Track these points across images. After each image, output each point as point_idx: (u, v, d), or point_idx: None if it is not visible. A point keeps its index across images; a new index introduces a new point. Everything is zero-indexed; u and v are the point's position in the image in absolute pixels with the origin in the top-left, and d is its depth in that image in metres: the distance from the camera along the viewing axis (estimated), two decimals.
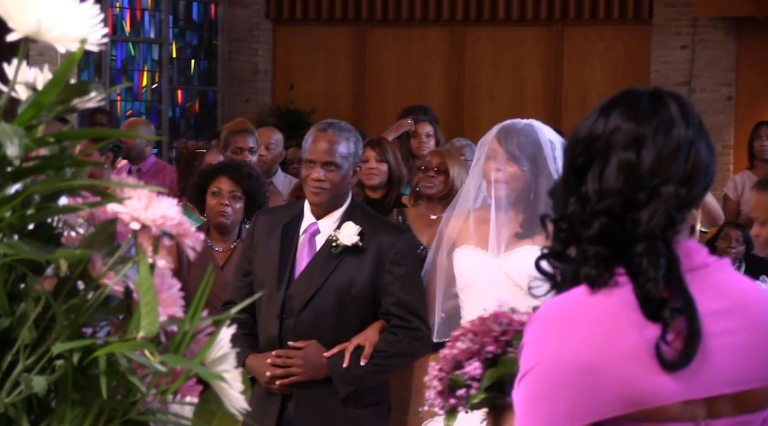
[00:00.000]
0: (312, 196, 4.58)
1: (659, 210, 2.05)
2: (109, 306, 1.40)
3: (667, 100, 2.15)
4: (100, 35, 1.40)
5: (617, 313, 2.04)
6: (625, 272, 2.05)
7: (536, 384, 2.06)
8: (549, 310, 2.12)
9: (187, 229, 1.42)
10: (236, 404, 1.42)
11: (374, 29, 14.74)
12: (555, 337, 2.07)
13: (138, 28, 14.95)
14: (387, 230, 4.66)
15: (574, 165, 2.14)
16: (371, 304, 4.56)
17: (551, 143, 4.60)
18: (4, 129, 1.32)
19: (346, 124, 4.78)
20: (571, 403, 2.02)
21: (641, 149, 2.09)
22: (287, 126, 13.95)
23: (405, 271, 4.57)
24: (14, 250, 1.33)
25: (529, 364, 2.08)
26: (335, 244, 4.53)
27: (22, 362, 1.35)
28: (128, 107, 14.93)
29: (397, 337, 4.52)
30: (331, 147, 4.58)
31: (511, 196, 4.55)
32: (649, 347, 2.01)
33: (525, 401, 2.09)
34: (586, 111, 2.22)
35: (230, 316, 1.42)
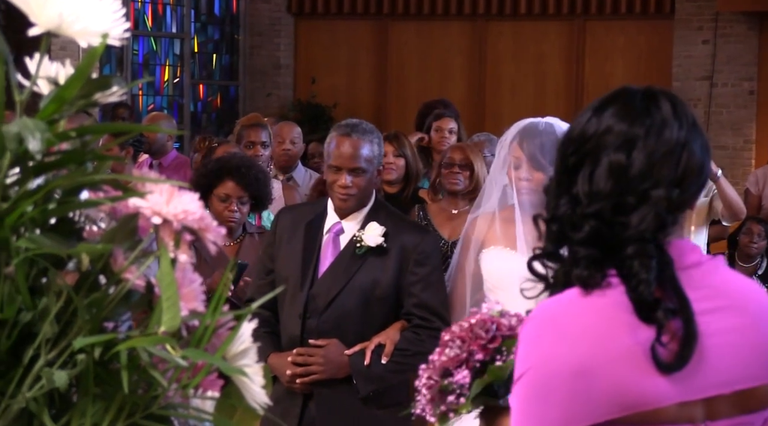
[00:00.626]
0: (339, 202, 4.55)
1: (649, 214, 2.03)
2: (131, 300, 1.40)
3: (660, 100, 2.12)
4: (122, 30, 1.40)
5: (611, 315, 2.02)
6: (617, 274, 2.04)
7: (530, 387, 2.05)
8: (543, 312, 2.10)
9: (209, 224, 1.42)
10: (257, 399, 1.42)
11: (396, 23, 14.73)
12: (549, 339, 2.05)
13: (160, 22, 14.98)
14: (410, 230, 4.64)
15: (566, 164, 2.13)
16: (394, 304, 4.53)
17: None
18: (26, 123, 1.32)
19: (368, 124, 4.72)
20: (565, 406, 2.01)
21: (632, 151, 2.07)
22: (308, 120, 13.98)
23: (428, 271, 4.54)
24: (36, 245, 1.34)
25: (523, 367, 2.07)
26: (359, 244, 4.50)
27: (44, 356, 1.35)
28: (150, 102, 14.97)
29: (419, 337, 4.48)
30: (356, 152, 4.53)
31: (537, 199, 4.50)
32: (644, 349, 1.99)
33: (519, 404, 2.08)
34: None
35: (252, 311, 1.42)
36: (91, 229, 1.44)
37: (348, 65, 14.87)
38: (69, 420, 1.36)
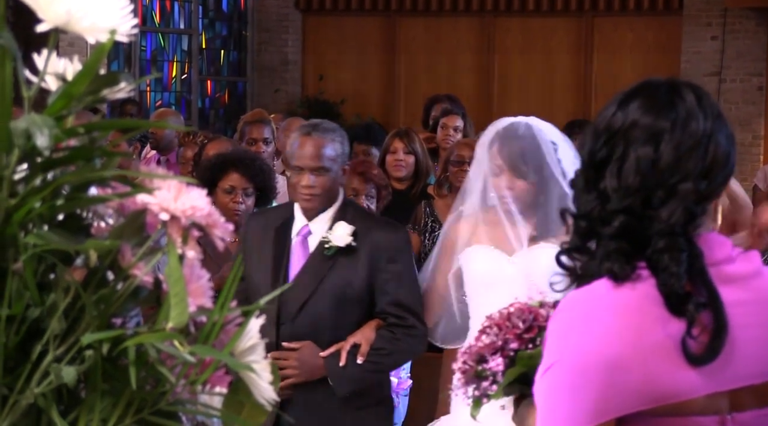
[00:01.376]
0: (304, 202, 4.46)
1: (678, 207, 2.03)
2: (139, 296, 1.40)
3: (684, 92, 2.13)
4: (130, 26, 1.40)
5: (641, 308, 2.03)
6: (646, 266, 2.04)
7: (559, 378, 2.05)
8: (572, 303, 2.11)
9: (217, 220, 1.42)
10: (265, 395, 1.42)
11: (404, 20, 14.73)
12: (579, 330, 2.05)
13: (168, 18, 14.99)
14: (381, 228, 4.54)
15: (593, 160, 2.13)
16: (368, 304, 4.46)
17: (553, 145, 4.50)
18: (34, 119, 1.32)
19: (330, 123, 4.64)
20: (594, 398, 2.01)
21: (659, 145, 2.07)
22: (316, 117, 13.88)
23: (401, 268, 4.47)
24: (44, 241, 1.34)
25: (552, 359, 2.07)
26: (328, 245, 4.43)
27: (52, 352, 1.35)
28: (158, 98, 14.98)
29: (395, 335, 4.42)
30: (318, 151, 4.44)
31: (523, 207, 4.48)
32: (674, 342, 2.00)
33: (548, 395, 2.07)
34: None
35: (260, 307, 1.42)
36: (99, 225, 1.44)
37: (356, 61, 14.87)
38: (77, 416, 1.36)
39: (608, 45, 13.92)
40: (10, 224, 1.34)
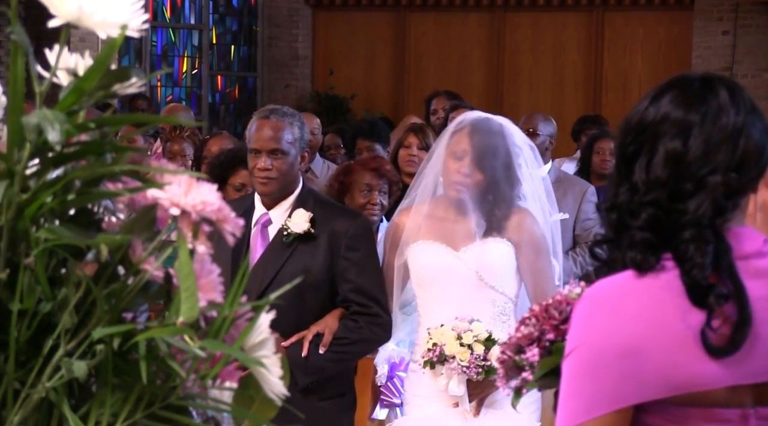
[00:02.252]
0: (260, 186, 4.44)
1: (706, 200, 2.04)
2: (149, 291, 1.41)
3: (717, 86, 2.13)
4: (141, 21, 1.40)
5: (663, 298, 2.04)
6: (672, 257, 2.05)
7: (580, 364, 2.07)
8: (596, 292, 2.12)
9: (227, 215, 1.42)
10: (275, 390, 1.43)
11: (414, 14, 14.72)
12: (600, 318, 2.07)
13: (178, 14, 15.00)
14: (340, 215, 4.50)
15: (625, 153, 2.14)
16: (329, 291, 4.41)
17: (519, 148, 4.52)
18: (46, 114, 1.32)
19: (290, 108, 4.63)
20: (613, 384, 2.03)
21: (688, 138, 2.08)
22: (326, 112, 13.98)
23: (361, 256, 4.43)
24: (55, 235, 1.34)
25: (573, 344, 2.09)
26: (286, 232, 4.39)
27: (63, 347, 1.36)
28: (168, 93, 15.00)
29: (358, 324, 4.38)
30: (276, 134, 4.42)
31: (471, 198, 4.47)
32: (694, 333, 2.01)
33: (568, 380, 2.09)
34: (627, 97, 2.24)
35: (270, 302, 1.43)
36: (110, 219, 1.45)
37: (366, 56, 14.86)
38: (88, 410, 1.36)
39: (619, 40, 13.89)
40: (22, 219, 1.35)
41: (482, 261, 4.46)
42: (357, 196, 5.59)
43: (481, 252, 4.47)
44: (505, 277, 4.50)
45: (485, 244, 4.48)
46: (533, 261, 4.50)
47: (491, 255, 4.47)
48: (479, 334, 4.33)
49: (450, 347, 4.33)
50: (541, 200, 4.63)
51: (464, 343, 4.32)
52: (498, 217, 4.48)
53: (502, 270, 4.49)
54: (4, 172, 1.35)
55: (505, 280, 4.50)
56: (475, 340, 4.32)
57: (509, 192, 4.49)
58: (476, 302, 4.46)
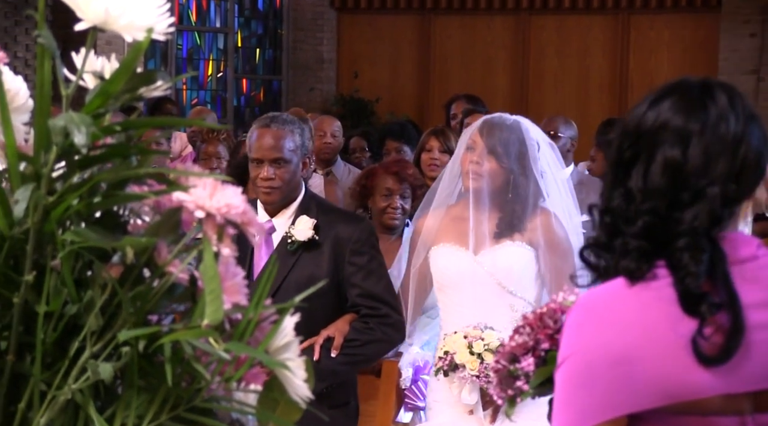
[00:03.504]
0: (264, 196, 4.41)
1: (703, 210, 2.02)
2: (175, 293, 1.41)
3: (716, 93, 2.11)
4: (167, 24, 1.40)
5: (655, 306, 2.02)
6: (665, 265, 2.03)
7: (573, 373, 2.06)
8: (588, 300, 2.11)
9: (252, 218, 1.42)
10: (300, 392, 1.43)
11: (439, 18, 14.71)
12: (592, 327, 2.06)
13: (204, 17, 15.04)
14: (343, 221, 4.47)
15: (621, 158, 2.12)
16: (336, 298, 4.38)
17: (537, 143, 4.47)
18: (72, 117, 1.33)
19: (289, 115, 4.60)
20: (606, 393, 2.02)
21: (687, 147, 2.06)
22: (351, 115, 13.99)
23: (366, 260, 4.39)
24: (81, 238, 1.35)
25: (566, 353, 2.08)
26: (290, 240, 4.36)
27: (89, 349, 1.36)
28: (194, 96, 15.03)
29: (368, 325, 4.36)
30: (277, 143, 4.39)
31: (488, 191, 4.42)
32: (686, 342, 1.99)
33: (561, 389, 2.08)
34: None
35: (294, 305, 1.43)
36: (135, 222, 1.45)
37: (391, 60, 14.85)
38: (114, 412, 1.37)
39: (645, 43, 13.85)
40: (48, 221, 1.35)
41: (500, 265, 4.41)
42: (378, 200, 5.59)
43: (498, 255, 4.42)
44: (523, 282, 4.44)
45: (503, 247, 4.43)
46: (557, 265, 4.43)
47: (509, 258, 4.42)
48: (490, 343, 4.28)
49: (460, 356, 4.30)
50: (565, 200, 4.57)
51: (474, 351, 4.29)
52: (519, 217, 4.43)
53: (520, 274, 4.44)
54: (31, 175, 1.36)
55: (524, 285, 4.45)
56: (485, 349, 4.28)
57: (528, 187, 4.42)
58: (495, 307, 4.42)
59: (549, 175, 4.50)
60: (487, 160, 4.38)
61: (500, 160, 4.38)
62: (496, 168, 4.39)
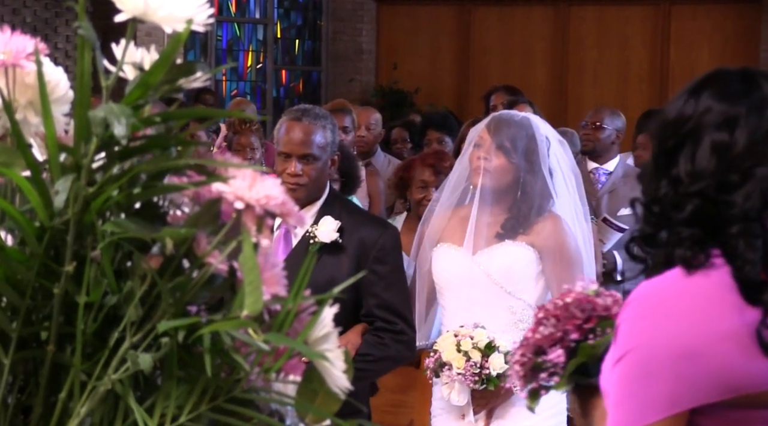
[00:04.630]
0: (289, 192, 4.25)
1: (754, 191, 2.00)
2: (214, 284, 1.41)
3: (759, 80, 2.11)
4: (206, 16, 1.40)
5: (715, 296, 2.00)
6: (720, 254, 2.01)
7: (633, 368, 2.03)
8: (645, 292, 2.08)
9: (291, 209, 1.42)
10: (339, 383, 1.43)
11: (478, 9, 14.68)
12: (652, 320, 2.03)
13: (243, 8, 15.08)
14: (369, 225, 4.29)
15: (664, 147, 2.11)
16: (353, 305, 4.19)
17: (547, 139, 4.35)
18: (112, 109, 1.33)
19: (321, 109, 4.41)
20: (668, 388, 1.99)
21: (734, 130, 2.05)
22: (390, 106, 13.99)
23: (389, 269, 4.20)
24: (121, 229, 1.35)
25: (625, 348, 2.05)
26: (312, 241, 4.16)
27: (129, 339, 1.37)
28: (233, 87, 15.09)
29: (382, 340, 4.18)
30: (307, 138, 4.19)
31: (496, 189, 4.31)
32: (749, 331, 1.97)
33: (620, 385, 2.05)
34: None
35: (333, 296, 1.43)
36: (174, 213, 1.46)
37: (430, 51, 14.84)
38: (153, 402, 1.37)
39: (685, 34, 13.76)
40: (89, 212, 1.36)
41: (498, 265, 4.30)
42: (415, 192, 5.58)
43: (497, 255, 4.31)
44: (523, 283, 4.31)
45: (502, 247, 4.32)
46: (561, 272, 4.28)
47: (508, 259, 4.30)
48: (479, 341, 4.19)
49: (447, 354, 4.21)
50: (574, 200, 4.43)
51: (461, 349, 4.19)
52: (525, 217, 4.30)
53: (520, 275, 4.30)
54: (71, 166, 1.36)
55: (524, 286, 4.32)
56: (473, 346, 4.18)
57: (536, 185, 4.31)
58: (493, 309, 4.31)
59: (558, 174, 4.38)
60: (495, 156, 4.28)
61: (509, 156, 4.27)
62: (505, 164, 4.28)
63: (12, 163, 1.41)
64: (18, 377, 1.42)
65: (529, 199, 4.31)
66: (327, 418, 1.46)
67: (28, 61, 1.45)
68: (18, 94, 1.48)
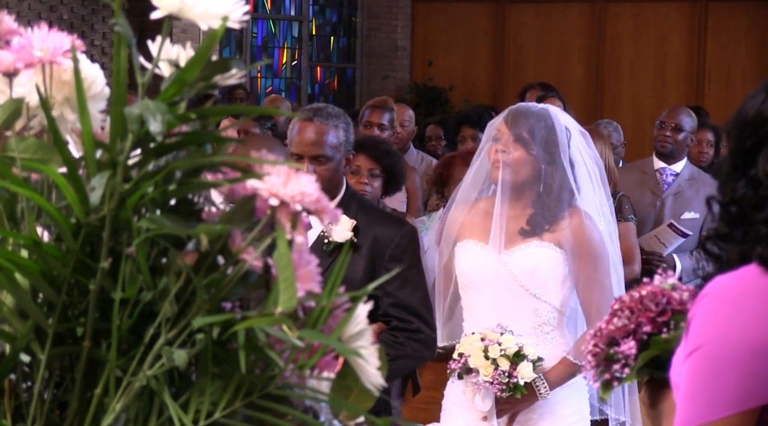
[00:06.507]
0: None
1: None
2: (248, 281, 1.42)
3: None
4: (242, 13, 1.41)
5: None
6: None
7: (704, 363, 2.01)
8: (719, 288, 2.06)
9: (325, 206, 1.42)
10: (373, 380, 1.43)
11: (514, 5, 14.65)
12: (725, 315, 2.01)
13: (278, 5, 15.10)
14: (385, 223, 4.21)
15: (742, 147, 2.09)
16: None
17: (567, 130, 4.24)
18: (148, 105, 1.34)
19: (334, 108, 4.29)
20: (739, 384, 1.97)
21: None
22: (425, 103, 13.99)
23: (405, 267, 4.09)
24: (156, 225, 1.35)
25: (697, 342, 2.03)
26: (327, 241, 4.10)
27: (164, 335, 1.37)
28: (268, 84, 15.12)
29: (397, 339, 4.10)
30: (319, 138, 4.12)
31: (517, 182, 4.20)
32: None
33: (691, 379, 2.04)
34: (730, 89, 2.19)
35: (367, 293, 1.43)
36: (209, 210, 1.46)
37: (465, 48, 14.83)
38: (188, 398, 1.38)
39: (723, 31, 13.68)
40: (124, 209, 1.36)
41: (525, 266, 4.19)
42: (453, 190, 5.58)
43: (524, 256, 4.20)
44: (549, 285, 4.22)
45: (530, 247, 4.21)
46: (588, 270, 4.21)
47: (535, 260, 4.19)
48: (507, 349, 4.09)
49: (475, 360, 4.10)
50: (598, 193, 4.33)
51: (489, 356, 4.09)
52: (551, 214, 4.20)
53: (546, 277, 4.21)
54: (107, 163, 1.37)
55: (550, 288, 4.21)
56: (502, 354, 4.08)
57: (557, 177, 4.20)
58: (518, 310, 4.21)
59: (581, 165, 4.28)
60: (514, 148, 4.17)
61: (528, 147, 4.16)
62: (524, 156, 4.17)
63: (49, 159, 1.42)
64: (54, 373, 1.43)
65: (552, 192, 4.20)
66: (361, 414, 1.46)
67: (64, 58, 1.46)
68: (55, 91, 1.49)
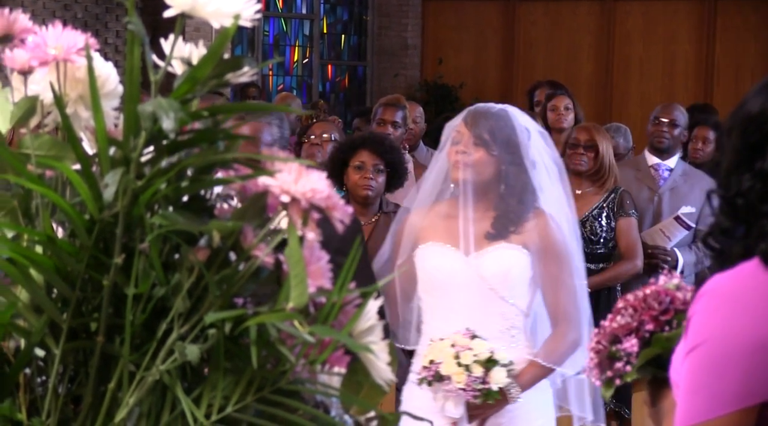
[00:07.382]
0: None
1: None
2: (260, 277, 1.43)
3: None
4: (254, 11, 1.42)
5: None
6: None
7: (704, 360, 2.01)
8: (719, 285, 2.05)
9: (336, 202, 1.43)
10: (383, 375, 1.44)
11: (523, 3, 14.63)
12: (725, 312, 2.00)
13: (290, 3, 15.11)
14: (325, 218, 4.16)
15: (747, 142, 2.08)
16: None
17: (527, 131, 4.18)
18: (161, 103, 1.35)
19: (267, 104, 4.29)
20: (739, 382, 1.97)
21: None
22: (435, 101, 13.98)
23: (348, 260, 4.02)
24: (169, 222, 1.36)
25: (696, 340, 2.02)
26: None
27: (177, 331, 1.38)
28: (279, 82, 15.13)
29: None
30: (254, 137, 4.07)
31: (478, 183, 4.13)
32: None
33: (690, 377, 2.03)
34: (739, 87, 2.19)
35: (377, 289, 1.44)
36: (222, 206, 1.47)
37: (475, 46, 14.81)
38: (201, 393, 1.39)
39: (731, 28, 13.65)
40: (137, 205, 1.37)
41: (496, 269, 4.12)
42: None
43: (494, 258, 4.13)
44: (518, 288, 4.15)
45: (498, 250, 4.14)
46: (554, 271, 4.15)
47: (506, 263, 4.12)
48: (479, 354, 4.00)
49: (447, 367, 4.00)
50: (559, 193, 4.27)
51: (462, 363, 3.99)
52: (515, 215, 4.14)
53: (516, 280, 4.14)
54: (120, 160, 1.38)
55: (519, 291, 4.15)
56: (474, 360, 3.99)
57: (519, 178, 4.14)
58: (484, 314, 4.12)
59: (541, 166, 4.22)
60: (474, 149, 4.11)
61: (488, 148, 4.10)
62: (485, 157, 4.11)
63: (63, 156, 1.43)
64: (68, 367, 1.44)
65: (515, 193, 4.15)
66: (371, 409, 1.47)
67: (78, 56, 1.47)
68: (69, 89, 1.50)
